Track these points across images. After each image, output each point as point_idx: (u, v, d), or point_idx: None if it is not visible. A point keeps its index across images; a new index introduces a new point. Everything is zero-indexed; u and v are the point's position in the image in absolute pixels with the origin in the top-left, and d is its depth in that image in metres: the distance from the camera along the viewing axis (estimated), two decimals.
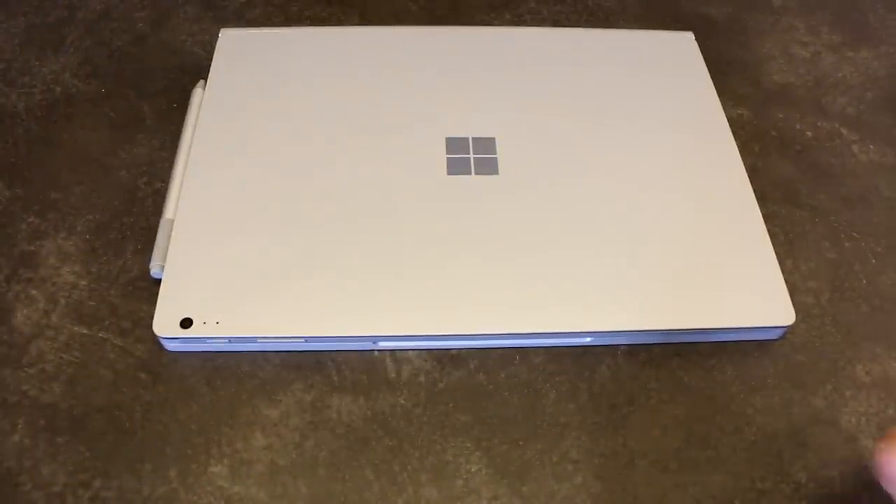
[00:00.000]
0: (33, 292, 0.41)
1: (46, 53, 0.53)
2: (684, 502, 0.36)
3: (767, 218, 0.46)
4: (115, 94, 0.51)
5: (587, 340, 0.40)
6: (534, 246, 0.42)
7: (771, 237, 0.45)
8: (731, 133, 0.48)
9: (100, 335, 0.40)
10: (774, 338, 0.41)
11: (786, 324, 0.40)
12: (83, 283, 0.42)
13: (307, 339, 0.39)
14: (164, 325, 0.38)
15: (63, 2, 0.56)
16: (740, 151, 0.49)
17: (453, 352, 0.40)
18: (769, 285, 0.41)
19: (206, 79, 0.49)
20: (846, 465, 0.37)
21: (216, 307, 0.39)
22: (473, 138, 0.46)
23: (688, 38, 0.54)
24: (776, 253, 0.44)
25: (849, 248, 0.45)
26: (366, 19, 0.57)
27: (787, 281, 0.43)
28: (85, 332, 0.40)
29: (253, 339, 0.39)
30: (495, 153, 0.46)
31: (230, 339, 0.38)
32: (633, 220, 0.43)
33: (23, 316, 0.40)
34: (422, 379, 0.39)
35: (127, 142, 0.48)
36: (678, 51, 0.53)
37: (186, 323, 0.38)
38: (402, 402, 0.38)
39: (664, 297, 0.40)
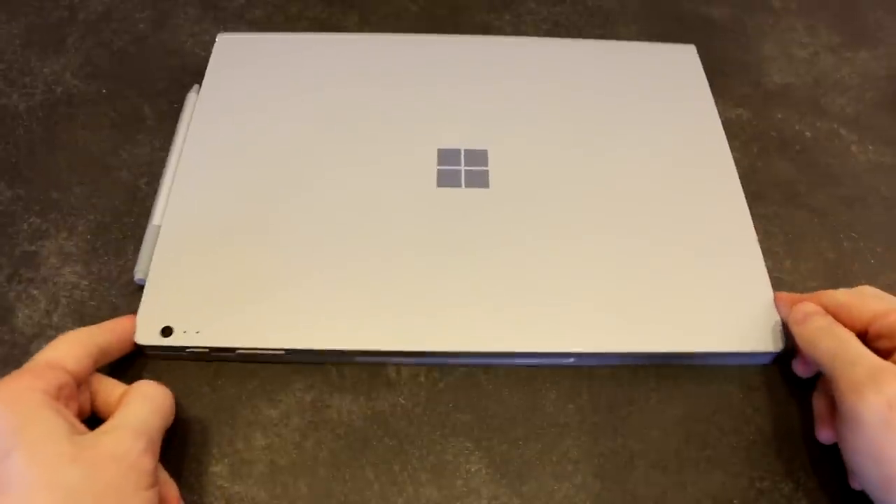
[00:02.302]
0: (34, 292, 0.41)
1: (47, 54, 0.53)
2: (683, 502, 0.36)
3: (767, 218, 0.46)
4: (116, 94, 0.51)
5: (570, 361, 0.39)
6: (519, 263, 0.41)
7: (770, 237, 0.45)
8: (729, 153, 0.47)
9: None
10: (763, 363, 0.40)
11: (774, 350, 0.39)
12: (84, 283, 0.42)
13: (287, 351, 0.38)
14: (145, 333, 0.38)
15: (64, 2, 0.56)
16: (740, 152, 0.49)
17: None
18: (759, 311, 0.40)
19: (201, 83, 0.49)
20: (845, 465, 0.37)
21: (197, 317, 0.38)
22: (466, 150, 0.46)
23: (689, 50, 0.53)
24: (775, 253, 0.45)
25: (848, 249, 0.45)
26: (365, 19, 0.57)
27: (786, 281, 0.43)
28: None
29: (232, 351, 0.38)
30: (487, 166, 0.45)
31: (210, 350, 0.38)
32: (625, 240, 0.42)
33: (24, 316, 0.41)
34: (422, 379, 0.39)
35: (128, 142, 0.48)
36: (679, 64, 0.52)
37: (167, 331, 0.38)
38: (402, 401, 0.38)
39: (651, 320, 0.39)
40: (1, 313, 0.41)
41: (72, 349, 0.34)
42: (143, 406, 0.33)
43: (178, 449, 0.36)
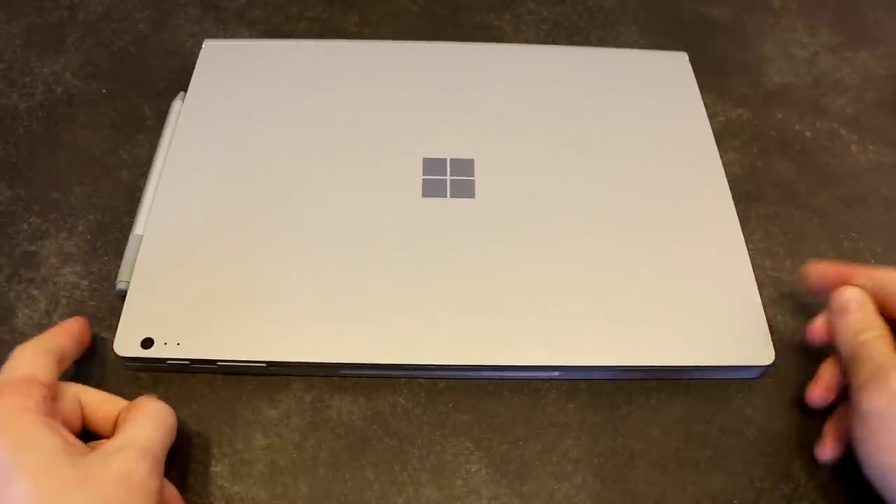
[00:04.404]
0: (34, 292, 0.41)
1: (47, 54, 0.53)
2: (683, 502, 0.36)
3: (767, 218, 0.46)
4: (116, 94, 0.51)
5: (555, 375, 0.39)
6: (504, 276, 0.40)
7: (770, 237, 0.45)
8: (720, 164, 0.46)
9: (101, 335, 0.40)
10: (752, 377, 0.40)
11: (764, 364, 0.39)
12: (84, 283, 0.42)
13: (269, 364, 0.38)
14: (126, 344, 0.37)
15: (64, 2, 0.56)
16: (740, 152, 0.49)
17: None
18: (749, 323, 0.40)
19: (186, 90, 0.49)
20: (845, 465, 0.37)
21: (178, 328, 0.38)
22: (451, 159, 0.45)
23: (681, 57, 0.52)
24: (775, 253, 0.45)
25: (848, 249, 0.45)
26: (365, 19, 0.57)
27: (786, 281, 0.44)
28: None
29: (213, 363, 0.38)
30: (473, 175, 0.44)
31: (191, 362, 0.38)
32: (612, 252, 0.42)
33: (24, 316, 0.41)
34: (422, 379, 0.39)
35: (128, 142, 0.48)
36: (670, 71, 0.52)
37: (147, 343, 0.37)
38: (402, 401, 0.38)
39: (638, 333, 0.39)
40: (1, 313, 0.41)
41: (38, 359, 0.33)
42: (148, 425, 0.32)
43: (178, 449, 0.36)
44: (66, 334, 0.36)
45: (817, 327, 0.38)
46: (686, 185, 0.45)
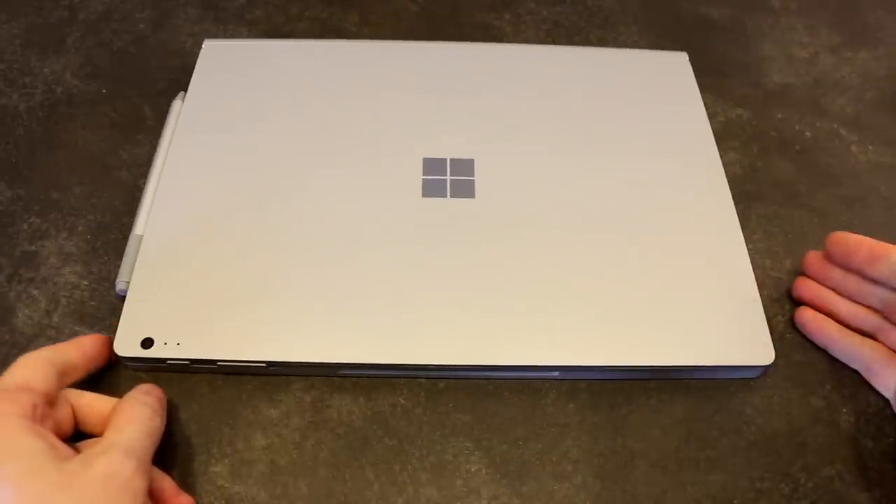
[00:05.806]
0: (34, 292, 0.41)
1: (47, 54, 0.53)
2: (683, 502, 0.36)
3: (767, 218, 0.46)
4: (116, 94, 0.51)
5: (555, 375, 0.39)
6: (504, 275, 0.40)
7: (770, 237, 0.45)
8: (720, 164, 0.46)
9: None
10: (752, 377, 0.40)
11: (764, 363, 0.38)
12: (84, 283, 0.42)
13: (269, 364, 0.38)
14: (126, 344, 0.37)
15: (64, 2, 0.56)
16: (740, 152, 0.49)
17: None
18: (749, 323, 0.40)
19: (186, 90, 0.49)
20: (845, 465, 0.37)
21: (178, 328, 0.38)
22: (451, 159, 0.45)
23: (681, 57, 0.52)
24: (775, 253, 0.45)
25: None
26: (365, 19, 0.57)
27: (786, 281, 0.44)
28: (86, 332, 0.40)
29: (213, 363, 0.38)
30: (473, 175, 0.44)
31: (191, 362, 0.38)
32: (612, 252, 0.42)
33: (24, 316, 0.41)
34: (422, 379, 0.39)
35: (128, 142, 0.48)
36: (670, 71, 0.52)
37: (147, 343, 0.37)
38: (402, 401, 0.38)
39: (639, 333, 0.39)
40: (1, 313, 0.41)
41: (38, 368, 0.33)
42: (132, 425, 0.32)
43: (178, 449, 0.36)
44: (76, 348, 0.36)
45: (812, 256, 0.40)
46: (686, 185, 0.45)
